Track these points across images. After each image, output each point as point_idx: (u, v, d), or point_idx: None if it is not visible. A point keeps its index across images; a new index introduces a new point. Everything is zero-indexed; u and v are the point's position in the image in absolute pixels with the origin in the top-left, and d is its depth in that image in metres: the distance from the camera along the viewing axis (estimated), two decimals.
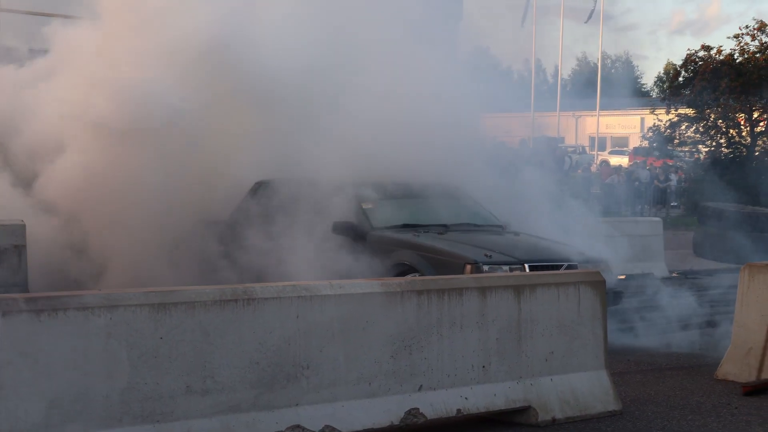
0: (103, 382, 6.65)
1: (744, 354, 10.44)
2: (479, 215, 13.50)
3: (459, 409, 8.19)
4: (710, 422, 8.85)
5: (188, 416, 6.95)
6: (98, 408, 6.62)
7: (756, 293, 10.41)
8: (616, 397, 9.12)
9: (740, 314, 10.58)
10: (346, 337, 7.68)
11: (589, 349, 9.06)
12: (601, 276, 9.51)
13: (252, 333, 7.25)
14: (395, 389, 7.90)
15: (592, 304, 9.13)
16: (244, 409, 7.17)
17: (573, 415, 8.74)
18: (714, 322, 14.08)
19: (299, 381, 7.44)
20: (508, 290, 8.61)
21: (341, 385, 7.64)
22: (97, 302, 6.67)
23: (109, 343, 6.67)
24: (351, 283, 7.97)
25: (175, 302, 6.96)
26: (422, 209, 13.03)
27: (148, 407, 6.80)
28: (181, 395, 6.93)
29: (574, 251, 12.42)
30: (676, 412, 9.17)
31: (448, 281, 8.46)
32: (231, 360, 7.15)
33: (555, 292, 8.91)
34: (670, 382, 10.41)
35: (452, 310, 8.24)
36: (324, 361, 7.56)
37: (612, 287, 12.33)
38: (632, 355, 11.88)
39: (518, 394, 8.55)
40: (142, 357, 6.78)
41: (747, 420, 8.94)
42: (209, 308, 7.09)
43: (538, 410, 8.57)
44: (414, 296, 8.07)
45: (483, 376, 8.39)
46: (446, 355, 8.18)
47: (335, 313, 7.65)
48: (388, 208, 12.98)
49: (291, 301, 7.46)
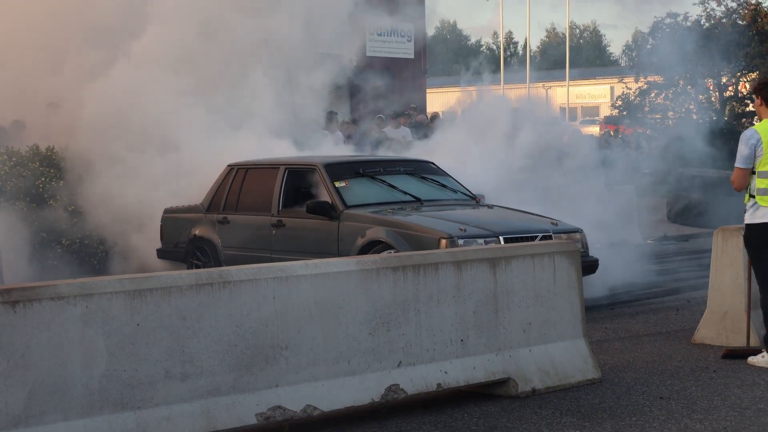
0: (82, 370, 6.63)
1: (720, 318, 10.49)
2: (453, 190, 13.50)
3: (439, 383, 8.22)
4: (689, 386, 8.90)
5: (168, 401, 6.94)
6: (77, 397, 6.61)
7: (730, 256, 10.45)
8: (595, 365, 9.16)
9: (715, 278, 10.63)
10: (323, 316, 7.68)
11: (566, 318, 9.09)
12: (575, 246, 9.55)
13: (229, 316, 7.24)
14: (375, 366, 7.92)
15: (568, 273, 9.15)
16: (224, 392, 7.17)
17: (552, 385, 8.77)
18: (689, 287, 14.15)
19: (278, 362, 7.44)
20: (483, 263, 8.63)
21: (320, 365, 7.64)
22: (72, 291, 6.65)
23: (85, 332, 6.65)
24: (326, 263, 7.97)
25: (150, 288, 6.95)
26: (395, 186, 13.02)
27: (128, 394, 6.79)
28: (160, 381, 6.92)
29: (548, 222, 12.45)
30: (655, 378, 9.22)
31: (423, 257, 8.47)
32: (209, 344, 7.14)
33: (530, 264, 8.93)
34: (648, 348, 10.46)
35: (428, 285, 8.25)
36: (302, 341, 7.56)
37: (587, 256, 12.39)
38: (610, 322, 11.93)
39: (497, 366, 8.57)
40: (119, 344, 6.77)
41: (725, 383, 9.00)
42: (185, 293, 7.07)
43: (517, 381, 8.60)
44: (390, 273, 8.07)
45: (462, 349, 8.41)
46: (424, 330, 8.19)
47: (312, 293, 7.64)
48: (361, 187, 12.97)
49: (267, 283, 7.45)
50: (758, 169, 9.47)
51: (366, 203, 12.63)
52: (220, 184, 13.92)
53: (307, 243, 12.56)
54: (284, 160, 13.73)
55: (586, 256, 12.18)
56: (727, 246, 10.50)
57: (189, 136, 15.32)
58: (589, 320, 11.01)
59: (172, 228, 14.39)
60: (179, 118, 15.45)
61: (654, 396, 8.58)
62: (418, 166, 13.78)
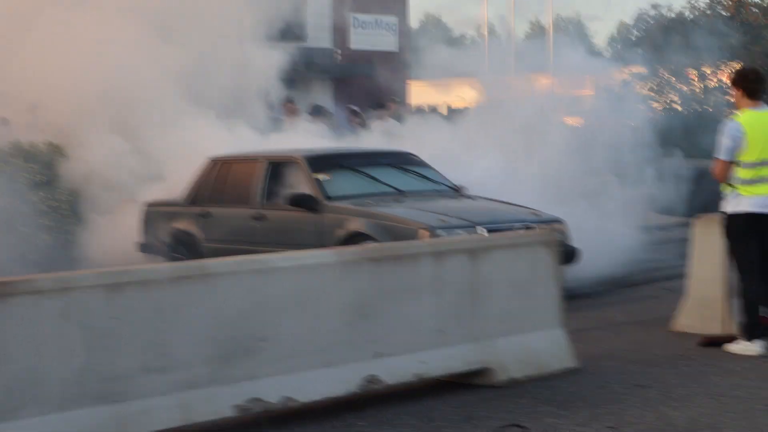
0: (59, 364, 6.65)
1: (698, 306, 10.54)
2: (434, 181, 13.53)
3: (417, 373, 8.25)
4: (667, 374, 8.95)
5: (146, 395, 6.96)
6: (55, 391, 6.63)
7: (709, 245, 10.49)
8: (573, 354, 9.20)
9: (694, 266, 10.68)
10: (302, 308, 7.70)
11: (544, 308, 9.13)
12: (554, 236, 9.59)
13: (208, 308, 7.26)
14: (353, 357, 7.94)
15: (547, 263, 9.19)
16: (202, 385, 7.19)
17: (531, 374, 8.81)
18: (669, 276, 14.20)
19: (256, 354, 7.46)
20: (462, 254, 8.66)
21: (299, 356, 7.67)
22: (50, 286, 6.67)
23: (63, 326, 6.66)
24: (305, 254, 8.01)
25: (128, 281, 6.96)
26: (377, 178, 13.05)
27: (105, 388, 6.80)
28: (138, 374, 6.94)
29: (528, 212, 12.49)
30: (633, 366, 9.27)
31: (402, 247, 8.52)
32: (187, 336, 7.16)
33: (509, 254, 8.97)
34: (626, 337, 10.52)
35: (407, 276, 8.28)
36: (281, 333, 7.59)
37: (568, 246, 12.42)
38: (589, 311, 11.97)
39: (476, 356, 8.60)
40: (97, 338, 6.78)
41: (703, 370, 9.05)
42: (163, 286, 7.09)
43: (496, 371, 8.63)
44: (368, 264, 8.10)
45: (440, 340, 8.44)
46: (403, 321, 8.22)
47: (291, 285, 7.67)
48: (342, 179, 13.00)
49: (246, 275, 7.47)
50: (741, 160, 9.53)
51: (347, 195, 12.66)
52: (202, 177, 13.93)
53: (289, 236, 12.59)
54: (266, 153, 13.75)
55: (566, 246, 12.22)
56: (706, 234, 10.55)
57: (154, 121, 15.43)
58: (568, 309, 11.00)
59: (153, 222, 14.39)
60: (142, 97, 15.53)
61: (632, 384, 8.63)
62: (400, 157, 13.81)
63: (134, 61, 15.70)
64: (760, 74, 9.89)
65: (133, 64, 15.64)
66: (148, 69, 15.73)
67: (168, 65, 15.84)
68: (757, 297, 9.58)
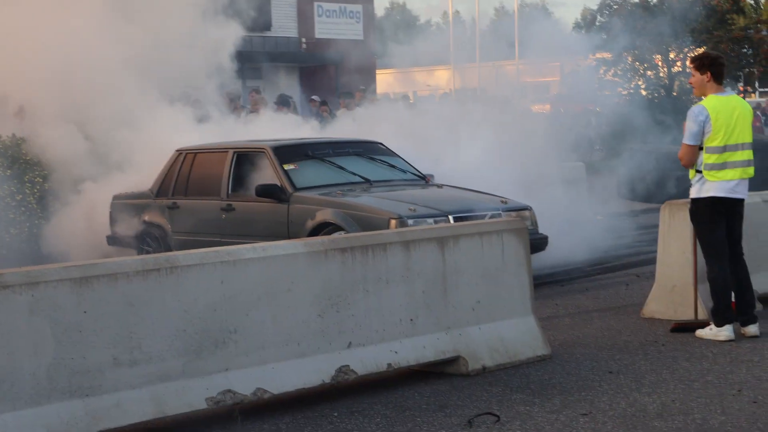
0: (29, 359, 6.61)
1: (668, 292, 10.58)
2: (402, 170, 13.52)
3: (389, 363, 8.24)
4: (638, 360, 8.98)
5: (117, 388, 6.92)
6: (26, 386, 6.59)
7: (677, 231, 10.53)
8: (545, 342, 9.21)
9: (663, 252, 10.71)
10: (272, 299, 7.68)
11: (515, 296, 9.13)
12: (523, 223, 9.60)
13: (177, 301, 7.23)
14: (324, 348, 7.93)
15: (516, 251, 9.19)
16: (174, 378, 7.16)
17: (503, 362, 8.82)
18: (639, 262, 14.26)
19: (227, 346, 7.44)
20: (431, 242, 8.65)
21: (270, 348, 7.65)
22: (18, 280, 6.62)
23: (32, 320, 6.62)
24: (274, 245, 7.97)
25: (96, 275, 6.92)
26: (345, 167, 13.02)
27: (76, 382, 6.77)
28: (108, 368, 6.91)
29: (497, 200, 12.50)
30: (604, 353, 9.29)
31: (371, 237, 8.49)
32: (157, 329, 7.13)
33: (478, 242, 8.96)
34: (597, 324, 10.54)
35: (377, 265, 8.27)
36: (251, 324, 7.56)
37: (537, 234, 12.45)
38: (560, 299, 12.00)
39: (447, 344, 8.60)
40: (66, 332, 6.74)
41: (674, 356, 9.08)
42: (132, 279, 7.05)
43: (467, 359, 8.63)
44: (338, 254, 8.08)
45: (411, 329, 8.43)
46: (373, 310, 8.21)
47: (260, 276, 7.65)
48: (310, 169, 12.96)
49: (214, 267, 7.44)
50: (706, 145, 9.55)
51: (315, 185, 12.63)
52: (169, 169, 13.88)
53: (258, 226, 12.55)
54: (233, 143, 13.71)
55: (535, 234, 12.25)
56: (674, 220, 10.58)
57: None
58: (539, 297, 11.07)
59: (122, 214, 14.32)
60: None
61: (603, 371, 8.65)
62: (368, 146, 13.78)
63: (91, 46, 15.60)
64: (724, 58, 9.94)
65: (89, 48, 15.54)
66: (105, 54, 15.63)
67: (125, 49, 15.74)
68: (724, 282, 9.62)
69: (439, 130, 15.93)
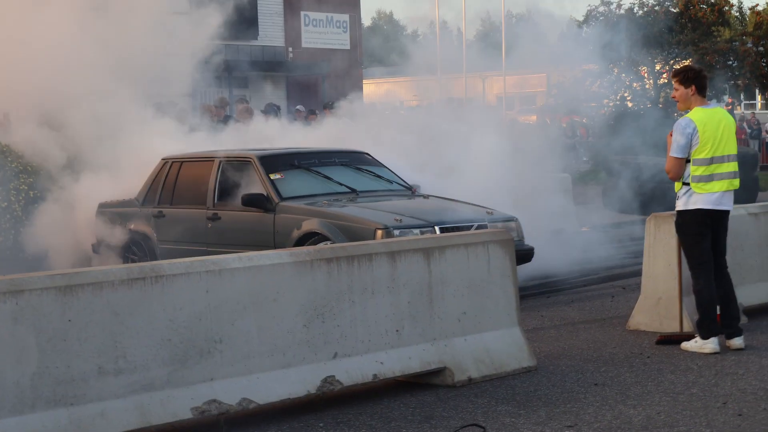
0: (13, 368, 6.58)
1: (654, 304, 10.58)
2: (388, 180, 13.51)
3: (375, 374, 8.22)
4: (623, 372, 8.97)
5: (102, 398, 6.90)
6: (9, 395, 6.56)
7: (662, 243, 10.53)
8: (531, 353, 9.21)
9: (648, 265, 10.71)
10: (257, 309, 7.66)
11: (501, 307, 9.13)
12: (509, 235, 9.59)
13: (162, 310, 7.21)
14: (310, 358, 7.91)
15: (502, 263, 9.18)
16: (158, 387, 7.14)
17: (488, 374, 8.81)
18: (625, 274, 14.27)
19: (213, 356, 7.41)
20: (417, 253, 8.64)
21: (255, 358, 7.63)
22: (1, 288, 6.59)
23: (15, 329, 6.59)
24: (260, 255, 7.95)
25: (81, 284, 6.90)
26: (331, 177, 13.00)
27: (60, 391, 6.74)
28: (93, 377, 6.88)
29: (483, 211, 12.49)
30: (590, 365, 9.29)
31: (356, 247, 8.47)
32: (142, 339, 7.10)
33: (464, 253, 8.95)
34: (583, 336, 10.53)
35: (362, 276, 8.26)
36: (237, 334, 7.54)
37: (523, 245, 12.45)
38: (546, 310, 12.00)
39: (433, 356, 8.59)
40: (50, 341, 6.72)
41: (659, 368, 9.08)
42: (117, 288, 7.03)
43: (453, 371, 8.62)
44: (323, 264, 8.06)
45: (397, 340, 8.42)
46: (359, 321, 8.19)
47: (245, 286, 7.63)
48: (296, 178, 12.94)
49: (200, 276, 7.42)
50: (693, 157, 9.56)
51: (301, 195, 12.60)
52: (155, 178, 13.84)
53: (243, 236, 12.52)
54: (219, 153, 13.67)
55: (521, 245, 12.24)
56: (659, 233, 10.59)
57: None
58: (525, 308, 11.06)
59: (107, 222, 14.28)
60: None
61: (588, 383, 8.64)
62: (354, 157, 13.77)
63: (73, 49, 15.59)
64: (706, 71, 9.97)
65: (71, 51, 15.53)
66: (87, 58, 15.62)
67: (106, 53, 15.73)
68: (710, 294, 9.62)
69: (425, 141, 15.92)
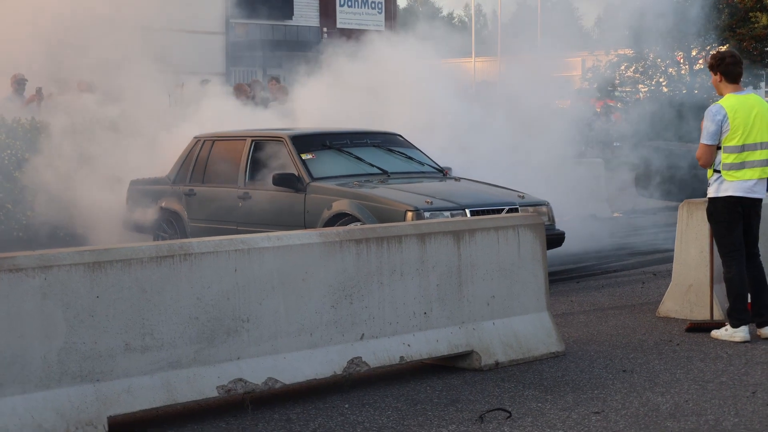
0: (40, 343, 6.59)
1: (684, 291, 10.51)
2: (420, 162, 13.46)
3: (402, 356, 8.20)
4: (652, 359, 8.92)
5: (128, 374, 6.91)
6: (36, 369, 6.57)
7: (695, 230, 10.46)
8: (559, 339, 9.17)
9: (680, 251, 10.64)
10: (285, 288, 7.65)
11: (530, 291, 9.09)
12: (540, 219, 9.54)
13: (190, 288, 7.20)
14: (337, 339, 7.90)
15: (532, 247, 9.14)
16: (185, 365, 7.14)
17: (516, 358, 8.78)
18: (656, 261, 14.20)
19: (240, 334, 7.41)
20: (447, 236, 8.61)
21: (282, 337, 7.62)
22: (31, 263, 6.60)
23: (44, 304, 6.61)
24: (289, 235, 7.93)
25: (110, 260, 6.90)
26: (362, 158, 12.98)
27: (87, 366, 6.75)
28: (120, 353, 6.89)
29: (514, 195, 12.44)
30: (618, 351, 9.24)
31: (386, 229, 8.44)
32: (170, 316, 7.11)
33: (494, 237, 8.91)
34: (612, 322, 10.48)
35: (392, 257, 8.23)
36: (264, 313, 7.53)
37: (554, 229, 12.40)
38: (575, 295, 11.94)
39: (460, 339, 8.56)
40: (78, 316, 6.73)
41: (688, 356, 9.02)
42: (145, 265, 7.03)
43: (480, 354, 8.59)
44: (353, 245, 8.04)
45: (425, 322, 8.39)
46: (387, 303, 8.17)
47: (274, 266, 7.61)
48: (327, 159, 12.92)
49: (228, 255, 7.41)
50: (724, 144, 9.48)
51: (332, 175, 12.58)
52: (187, 156, 13.86)
53: (274, 215, 12.52)
54: (251, 131, 13.67)
55: (552, 229, 12.18)
56: (692, 219, 10.51)
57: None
58: (555, 293, 11.02)
59: (138, 200, 14.31)
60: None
61: (617, 369, 8.60)
62: (386, 138, 13.73)
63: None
64: (737, 57, 9.76)
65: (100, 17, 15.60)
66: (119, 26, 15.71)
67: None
68: (741, 283, 9.55)
69: (459, 123, 15.87)
